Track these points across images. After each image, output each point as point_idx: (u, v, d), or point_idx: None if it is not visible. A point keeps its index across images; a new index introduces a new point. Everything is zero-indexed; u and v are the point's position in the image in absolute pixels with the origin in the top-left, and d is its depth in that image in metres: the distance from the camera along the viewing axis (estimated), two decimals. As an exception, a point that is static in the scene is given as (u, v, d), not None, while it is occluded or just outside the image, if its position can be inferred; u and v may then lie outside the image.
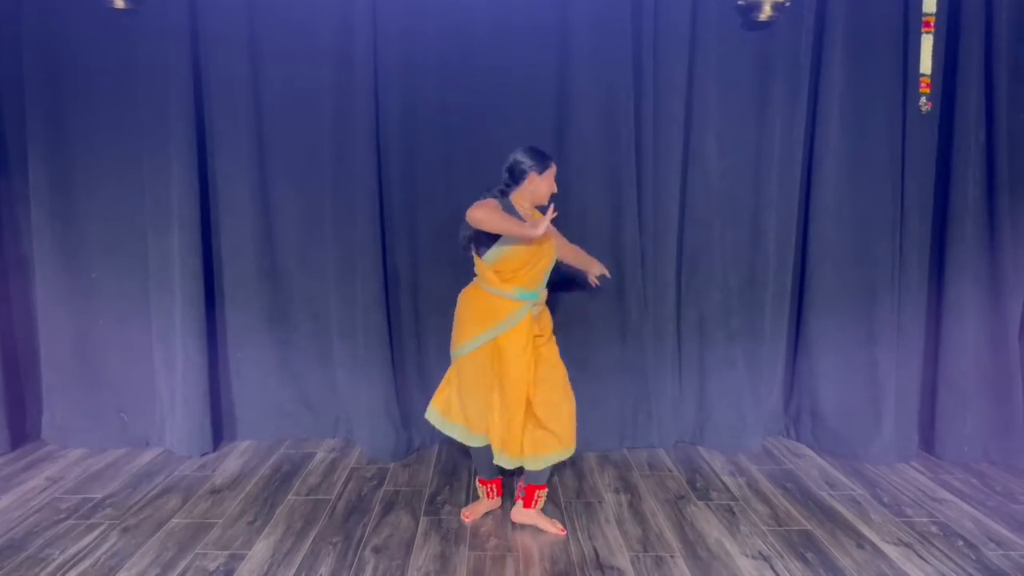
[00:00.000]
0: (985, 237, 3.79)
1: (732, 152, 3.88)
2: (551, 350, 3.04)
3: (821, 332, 3.98)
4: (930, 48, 3.72)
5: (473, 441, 3.03)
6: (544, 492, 3.06)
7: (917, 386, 3.95)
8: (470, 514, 3.11)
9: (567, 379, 3.02)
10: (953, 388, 3.85)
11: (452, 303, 3.10)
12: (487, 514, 3.17)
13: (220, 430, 3.99)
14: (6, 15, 3.72)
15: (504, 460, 2.92)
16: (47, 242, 3.82)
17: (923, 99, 3.73)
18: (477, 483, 3.22)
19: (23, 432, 3.94)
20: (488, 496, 3.17)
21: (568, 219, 3.58)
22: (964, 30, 3.69)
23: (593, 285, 3.42)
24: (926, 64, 3.72)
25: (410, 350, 4.02)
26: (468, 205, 2.79)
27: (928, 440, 3.96)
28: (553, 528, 2.99)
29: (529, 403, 2.91)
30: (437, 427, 3.12)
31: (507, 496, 3.26)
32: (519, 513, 3.06)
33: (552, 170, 2.95)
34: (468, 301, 2.99)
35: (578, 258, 3.33)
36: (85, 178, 3.81)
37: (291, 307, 4.00)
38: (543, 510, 3.08)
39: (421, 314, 3.98)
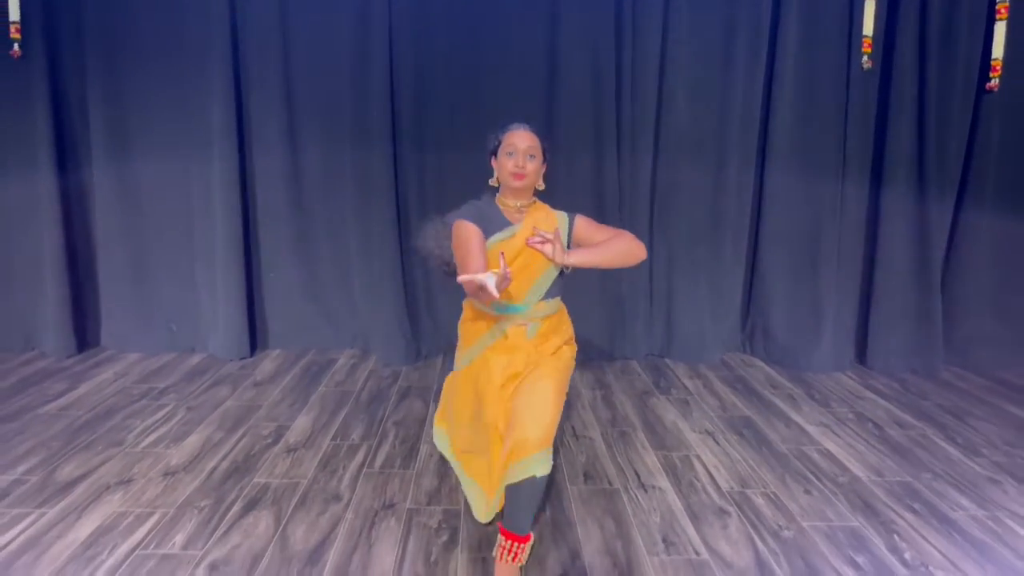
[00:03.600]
0: (915, 181, 4.39)
1: (700, 104, 4.45)
2: (544, 367, 2.38)
3: (773, 262, 4.60)
4: (872, 12, 4.26)
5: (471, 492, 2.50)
6: (527, 546, 2.19)
7: (853, 308, 4.60)
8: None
9: (552, 389, 2.28)
10: (883, 310, 4.49)
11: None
12: None
13: (254, 340, 4.62)
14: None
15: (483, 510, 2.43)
16: (104, 175, 4.41)
17: (865, 58, 4.29)
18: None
19: (85, 339, 4.57)
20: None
21: (556, 163, 4.16)
22: (902, -3, 4.26)
23: None
24: (868, 26, 4.27)
25: (419, 273, 4.64)
26: (469, 144, 3.22)
27: (861, 353, 4.63)
28: None
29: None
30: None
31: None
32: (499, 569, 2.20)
33: (507, 140, 2.41)
34: (462, 316, 2.65)
35: (617, 255, 2.44)
36: (137, 119, 4.38)
37: (315, 234, 4.61)
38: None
39: (428, 242, 4.59)
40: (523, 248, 2.41)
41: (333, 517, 2.58)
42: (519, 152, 2.40)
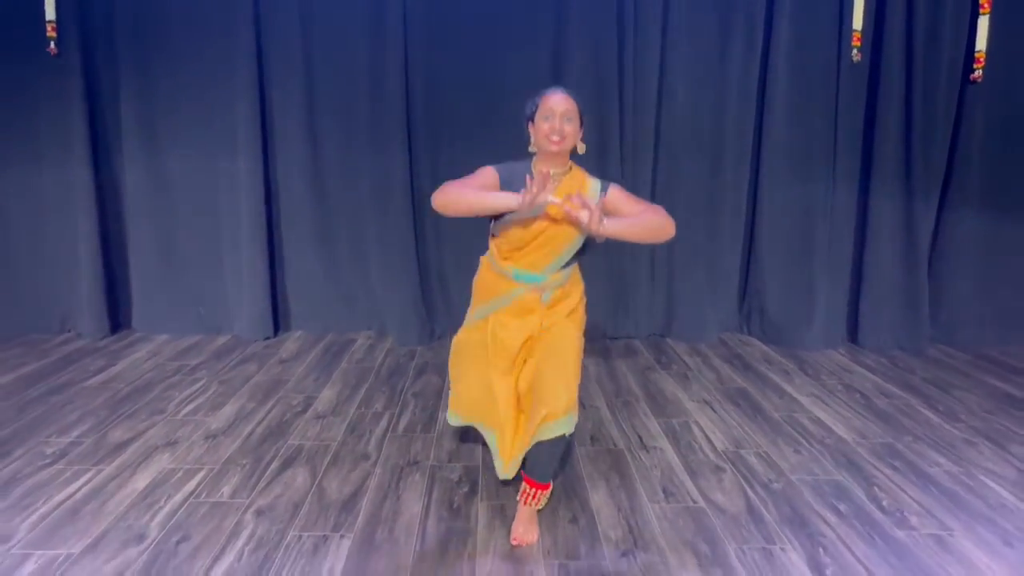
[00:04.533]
0: (902, 170, 4.63)
1: (698, 95, 4.69)
2: (562, 329, 2.49)
3: (769, 245, 4.84)
4: (862, 7, 4.49)
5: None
6: (546, 493, 2.42)
7: (845, 289, 4.85)
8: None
9: (573, 353, 2.43)
10: (873, 291, 4.74)
11: (468, 221, 3.94)
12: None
13: (277, 321, 4.88)
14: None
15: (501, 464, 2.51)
16: (136, 167, 4.67)
17: (855, 51, 4.53)
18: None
19: (118, 321, 4.84)
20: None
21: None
22: (890, -6, 4.50)
23: None
24: (858, 21, 4.51)
25: (433, 259, 4.90)
26: (481, 139, 3.45)
27: (853, 332, 4.87)
28: (527, 538, 2.37)
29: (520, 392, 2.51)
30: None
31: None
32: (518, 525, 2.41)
33: (544, 105, 2.39)
34: (478, 271, 2.67)
35: (648, 230, 2.38)
36: (167, 115, 4.64)
37: (335, 222, 4.86)
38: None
39: (442, 229, 4.84)
40: (548, 223, 2.38)
41: (363, 472, 2.84)
42: (556, 115, 2.35)
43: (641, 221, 2.35)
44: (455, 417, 2.67)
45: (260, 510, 2.53)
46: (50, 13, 4.42)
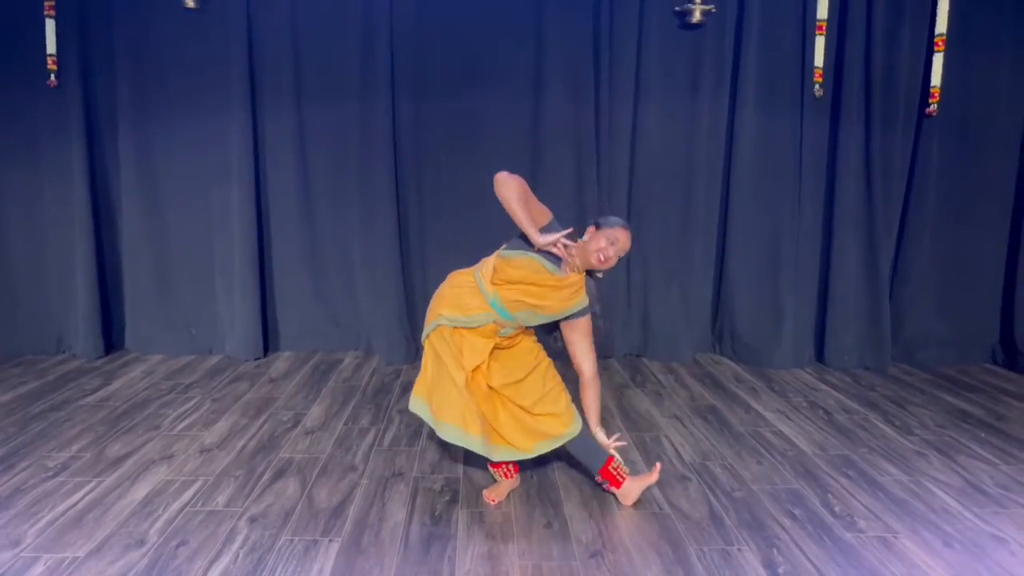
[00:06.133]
0: (863, 195, 4.88)
1: (670, 127, 4.94)
2: (521, 347, 2.87)
3: (739, 270, 5.07)
4: (823, 46, 4.76)
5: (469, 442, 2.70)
6: (614, 464, 2.84)
7: (812, 311, 5.07)
8: (495, 496, 2.86)
9: (542, 369, 2.86)
10: (838, 311, 4.96)
11: (453, 242, 4.17)
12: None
13: (267, 342, 5.05)
14: (100, 10, 4.72)
15: (485, 448, 2.69)
16: (132, 194, 4.86)
17: (817, 86, 4.80)
18: (489, 468, 3.02)
19: (111, 342, 5.00)
20: (506, 476, 2.95)
21: (539, 182, 4.63)
22: (849, 32, 4.74)
23: None
24: (819, 58, 4.78)
25: (418, 281, 5.09)
26: (463, 167, 3.65)
27: (819, 352, 5.10)
28: (651, 477, 2.88)
29: (509, 400, 2.78)
30: (426, 420, 2.81)
31: (524, 468, 3.12)
32: (626, 498, 2.86)
33: (611, 234, 2.62)
34: (449, 281, 2.87)
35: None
36: (163, 144, 4.84)
37: (323, 245, 5.06)
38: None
39: (427, 251, 5.04)
40: (548, 301, 2.71)
41: (350, 483, 3.02)
42: (616, 248, 2.64)
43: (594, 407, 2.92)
44: (418, 402, 2.82)
45: (253, 517, 2.71)
46: (51, 47, 4.62)
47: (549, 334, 2.94)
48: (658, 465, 2.93)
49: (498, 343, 2.78)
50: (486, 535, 2.61)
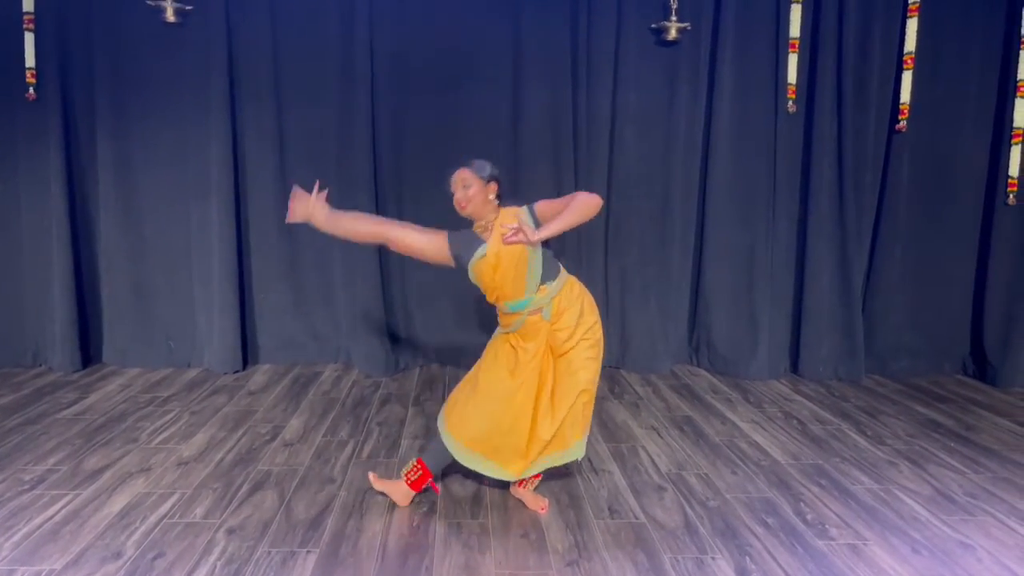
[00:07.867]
0: (836, 209, 4.98)
1: (647, 141, 5.02)
2: (572, 357, 2.79)
3: (715, 280, 5.15)
4: (795, 63, 4.88)
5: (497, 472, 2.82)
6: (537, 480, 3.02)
7: (787, 322, 5.15)
8: (543, 505, 2.96)
9: (576, 386, 2.78)
10: (812, 323, 5.05)
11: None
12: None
13: (246, 355, 5.05)
14: (80, 24, 4.73)
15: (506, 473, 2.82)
16: (111, 206, 4.86)
17: (790, 102, 4.90)
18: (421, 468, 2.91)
19: (89, 355, 4.97)
20: (414, 487, 2.92)
21: (519, 200, 4.64)
22: (821, 50, 4.86)
23: None
24: (792, 75, 4.89)
25: (398, 295, 5.12)
26: (442, 182, 3.65)
27: (794, 363, 5.17)
28: (536, 504, 2.95)
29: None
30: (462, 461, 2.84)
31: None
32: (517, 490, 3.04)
33: (453, 179, 2.82)
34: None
35: (577, 215, 2.67)
36: (141, 156, 4.85)
37: (303, 259, 5.08)
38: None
39: (406, 264, 5.06)
40: (499, 258, 2.69)
41: (329, 495, 3.03)
42: (455, 188, 2.79)
43: (570, 210, 2.64)
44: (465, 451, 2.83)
45: (231, 529, 2.71)
46: (30, 60, 4.62)
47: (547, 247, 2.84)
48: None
49: (548, 334, 2.79)
50: (463, 545, 2.64)
